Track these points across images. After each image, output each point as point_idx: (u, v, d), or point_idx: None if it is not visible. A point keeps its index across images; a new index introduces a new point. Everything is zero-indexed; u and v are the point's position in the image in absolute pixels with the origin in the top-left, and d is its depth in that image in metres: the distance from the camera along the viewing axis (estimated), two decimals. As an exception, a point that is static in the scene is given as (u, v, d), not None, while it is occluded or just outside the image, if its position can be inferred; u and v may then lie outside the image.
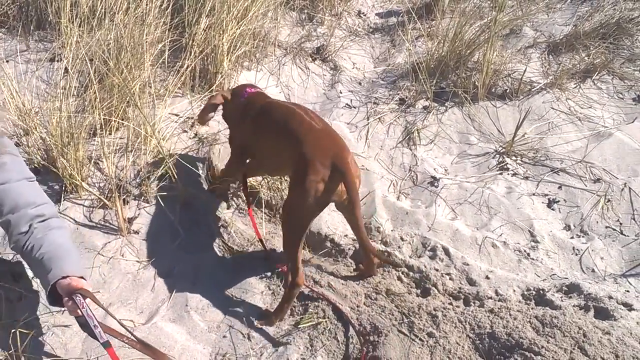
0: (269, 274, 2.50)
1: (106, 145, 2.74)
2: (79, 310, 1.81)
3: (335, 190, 2.20)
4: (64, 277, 1.86)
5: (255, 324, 2.31)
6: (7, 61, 3.26)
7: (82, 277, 1.90)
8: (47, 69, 3.27)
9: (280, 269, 2.48)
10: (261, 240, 2.55)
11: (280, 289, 2.43)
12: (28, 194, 2.01)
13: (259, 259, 2.55)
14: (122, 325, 1.94)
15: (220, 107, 2.74)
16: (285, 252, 2.28)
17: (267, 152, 2.48)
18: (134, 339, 1.92)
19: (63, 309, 1.97)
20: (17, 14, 3.56)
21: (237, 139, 2.68)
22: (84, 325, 1.84)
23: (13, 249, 2.04)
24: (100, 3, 3.29)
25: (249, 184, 2.75)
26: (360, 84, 3.66)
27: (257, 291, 2.44)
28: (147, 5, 3.27)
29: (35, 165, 2.70)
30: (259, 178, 2.85)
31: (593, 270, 2.66)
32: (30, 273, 2.28)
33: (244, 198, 2.71)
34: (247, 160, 2.64)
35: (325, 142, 2.27)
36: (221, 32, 3.28)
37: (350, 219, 2.40)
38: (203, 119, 2.75)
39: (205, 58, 3.29)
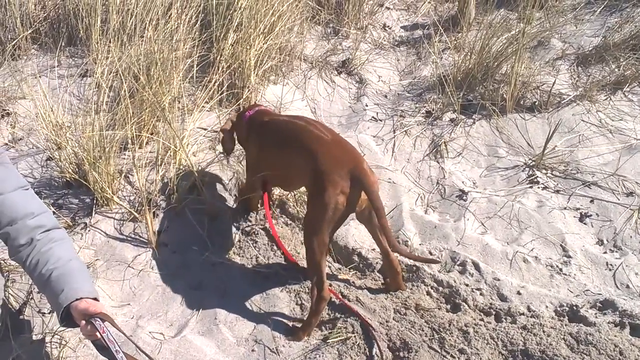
0: (296, 286, 2.49)
1: (136, 159, 2.78)
2: (98, 334, 1.75)
3: (358, 201, 2.20)
4: (78, 299, 1.78)
5: (283, 340, 2.29)
6: (40, 77, 3.34)
7: (95, 299, 1.83)
8: (79, 84, 3.34)
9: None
10: (288, 254, 2.54)
11: (307, 302, 2.42)
12: (25, 204, 1.91)
13: (286, 272, 2.55)
14: (142, 352, 1.88)
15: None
16: (309, 266, 2.27)
17: (276, 167, 2.46)
18: None
19: (76, 328, 1.87)
20: (48, 31, 3.66)
21: (249, 158, 2.69)
22: (102, 348, 1.78)
23: (13, 260, 1.95)
24: (130, 19, 3.36)
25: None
26: (386, 96, 3.65)
27: (285, 304, 2.43)
28: (176, 21, 3.33)
29: (68, 178, 2.75)
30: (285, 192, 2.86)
31: (628, 286, 2.59)
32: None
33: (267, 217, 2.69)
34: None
35: (339, 153, 2.25)
36: (248, 47, 3.31)
37: (372, 228, 2.40)
38: (227, 149, 2.75)
39: (233, 73, 3.33)
